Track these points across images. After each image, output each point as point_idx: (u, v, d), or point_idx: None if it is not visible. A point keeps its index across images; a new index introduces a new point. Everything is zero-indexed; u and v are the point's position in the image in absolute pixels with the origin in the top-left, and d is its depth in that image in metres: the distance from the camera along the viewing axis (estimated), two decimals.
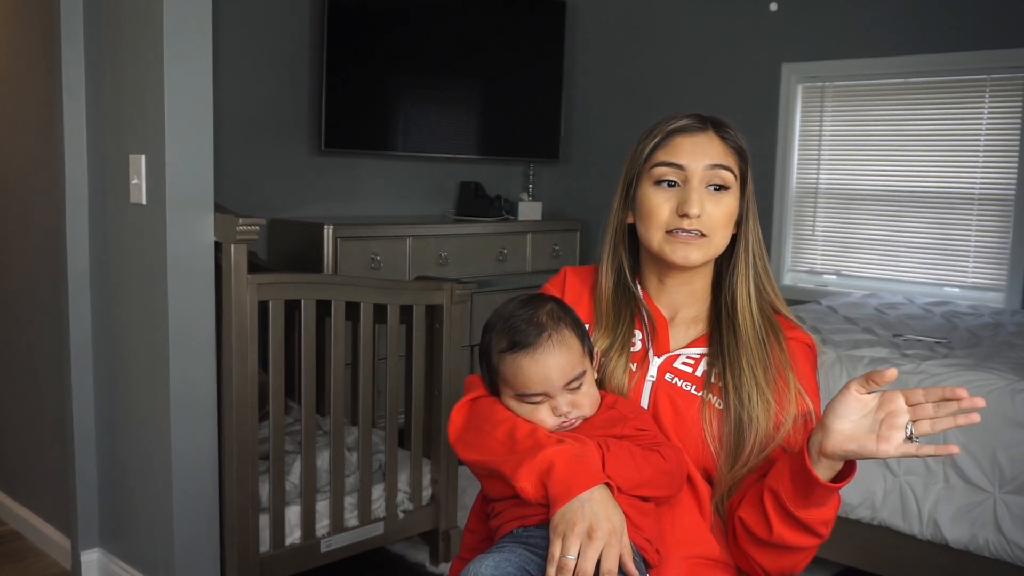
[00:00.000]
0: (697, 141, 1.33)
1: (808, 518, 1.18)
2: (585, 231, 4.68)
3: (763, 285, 1.38)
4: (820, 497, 1.16)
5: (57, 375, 2.64)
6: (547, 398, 1.26)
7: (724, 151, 1.34)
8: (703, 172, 1.32)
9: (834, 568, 2.71)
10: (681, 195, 1.31)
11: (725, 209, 1.33)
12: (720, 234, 1.34)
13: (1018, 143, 3.57)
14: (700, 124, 1.35)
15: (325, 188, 4.13)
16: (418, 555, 2.86)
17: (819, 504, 1.17)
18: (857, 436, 1.11)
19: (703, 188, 1.32)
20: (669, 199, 1.33)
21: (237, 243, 2.23)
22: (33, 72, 2.66)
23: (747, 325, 1.34)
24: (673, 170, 1.32)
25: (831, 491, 1.15)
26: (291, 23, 3.91)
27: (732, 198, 1.34)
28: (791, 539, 1.21)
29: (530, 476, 1.16)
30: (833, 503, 1.19)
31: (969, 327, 3.08)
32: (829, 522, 1.20)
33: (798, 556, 1.25)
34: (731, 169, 1.33)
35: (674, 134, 1.34)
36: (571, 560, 1.10)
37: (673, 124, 1.35)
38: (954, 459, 2.35)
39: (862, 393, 1.11)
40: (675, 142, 1.34)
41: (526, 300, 1.32)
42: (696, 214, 1.30)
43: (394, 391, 2.74)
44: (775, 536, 1.22)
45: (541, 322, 1.26)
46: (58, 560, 2.75)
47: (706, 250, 1.33)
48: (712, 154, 1.32)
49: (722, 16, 4.32)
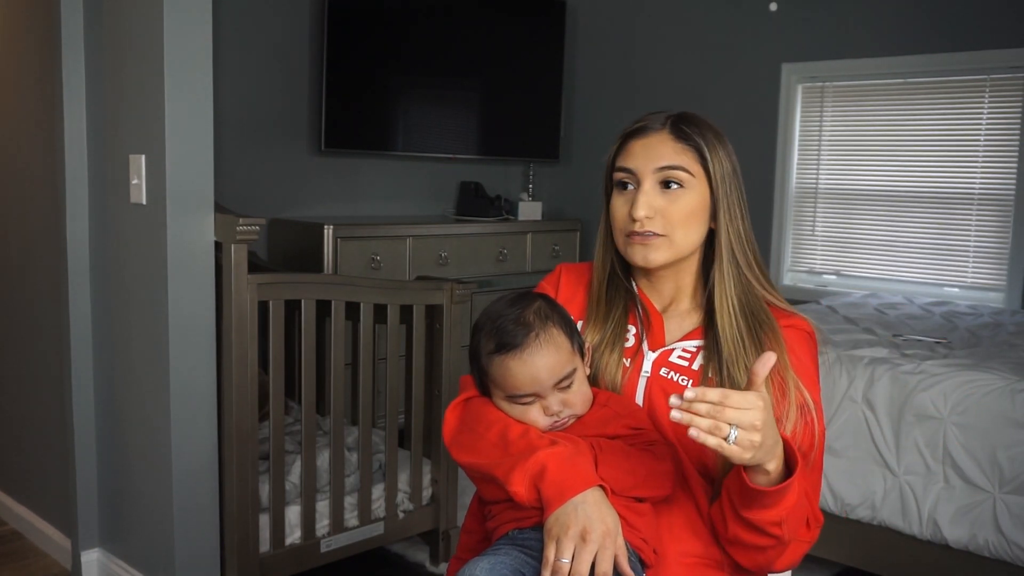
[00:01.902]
0: (648, 143, 1.33)
1: (755, 519, 1.16)
2: (585, 231, 4.68)
3: (747, 274, 1.35)
4: (762, 500, 1.14)
5: (57, 375, 2.64)
6: (538, 398, 1.25)
7: (675, 150, 1.32)
8: (652, 174, 1.32)
9: (834, 568, 2.71)
10: (633, 197, 1.33)
11: (682, 208, 1.32)
12: (680, 231, 1.33)
13: (1018, 143, 3.57)
14: (656, 124, 1.34)
15: (325, 188, 4.13)
16: (418, 555, 2.86)
17: (763, 506, 1.14)
18: None
19: (655, 190, 1.32)
20: (625, 203, 1.34)
21: (237, 243, 2.23)
22: (33, 72, 2.66)
23: (730, 326, 1.32)
24: (626, 174, 1.34)
25: (770, 495, 1.12)
26: (291, 23, 3.91)
27: (691, 195, 1.32)
28: (746, 538, 1.20)
29: (523, 480, 1.16)
30: (783, 504, 1.14)
31: (969, 327, 3.08)
32: (782, 523, 1.16)
33: (765, 554, 1.22)
34: (683, 168, 1.32)
35: (629, 138, 1.36)
36: (565, 564, 1.09)
37: (631, 128, 1.37)
38: (954, 459, 2.35)
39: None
40: (628, 147, 1.35)
41: (514, 299, 1.31)
42: (641, 215, 1.31)
43: (394, 391, 2.74)
44: (731, 534, 1.22)
45: (528, 321, 1.25)
46: (58, 560, 2.75)
47: (666, 249, 1.33)
48: (661, 154, 1.32)
49: (722, 16, 4.32)
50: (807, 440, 1.27)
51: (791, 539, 1.20)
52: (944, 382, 2.40)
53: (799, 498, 1.17)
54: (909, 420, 2.42)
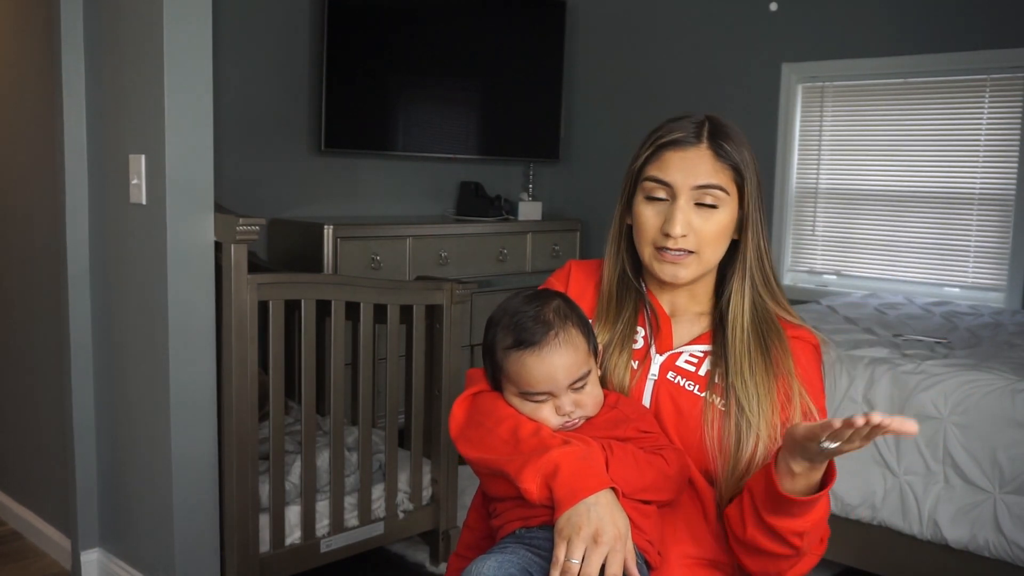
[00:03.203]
0: (687, 157, 1.29)
1: (778, 526, 1.16)
2: (585, 231, 4.68)
3: (761, 292, 1.35)
4: (789, 508, 1.14)
5: (57, 375, 2.64)
6: (551, 397, 1.25)
7: (715, 168, 1.29)
8: (690, 191, 1.29)
9: (834, 568, 2.71)
10: (667, 212, 1.30)
11: (715, 226, 1.30)
12: (711, 249, 1.32)
13: (1018, 143, 3.57)
14: (694, 138, 1.30)
15: (325, 188, 4.13)
16: (418, 555, 2.86)
17: (789, 514, 1.14)
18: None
19: (690, 206, 1.29)
20: (657, 215, 1.31)
21: (237, 243, 2.23)
22: (33, 72, 2.66)
23: (739, 339, 1.32)
24: (661, 187, 1.30)
25: (799, 504, 1.13)
26: (291, 23, 3.91)
27: (724, 213, 1.30)
28: (763, 543, 1.19)
29: (535, 477, 1.15)
30: (809, 516, 1.14)
31: (969, 327, 3.08)
32: (804, 534, 1.16)
33: (778, 564, 1.22)
34: (722, 187, 1.29)
35: (664, 148, 1.30)
36: (575, 564, 1.09)
37: (666, 137, 1.31)
38: (954, 459, 2.35)
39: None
40: (664, 157, 1.30)
41: (532, 296, 1.30)
42: (679, 234, 1.28)
43: (394, 391, 2.74)
44: (748, 537, 1.21)
45: (548, 320, 1.25)
46: (58, 560, 2.75)
47: (695, 267, 1.32)
48: (700, 173, 1.28)
49: (722, 16, 4.32)
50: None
51: (807, 552, 1.21)
52: (944, 382, 2.40)
53: (823, 514, 1.17)
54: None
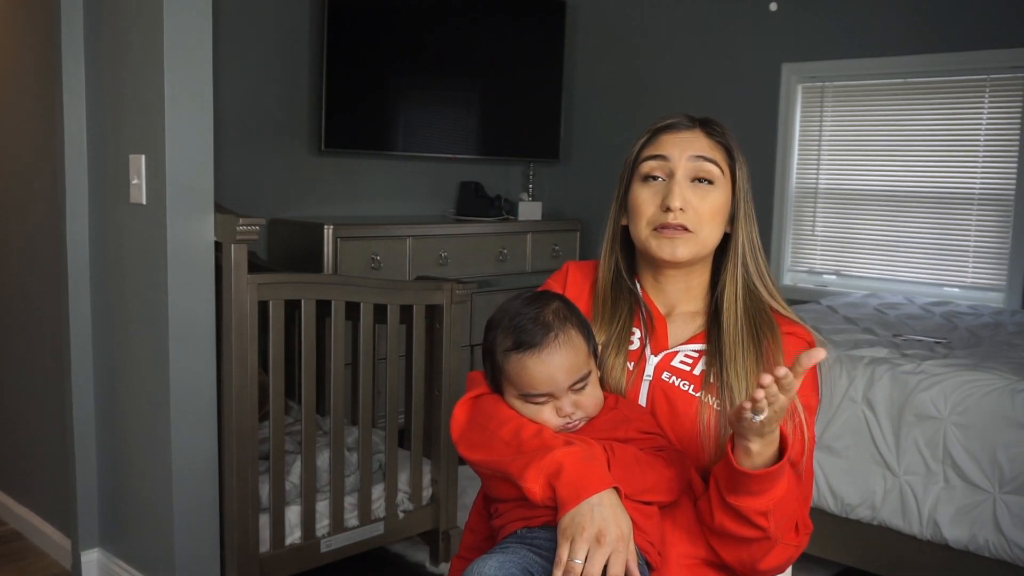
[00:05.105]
0: (682, 136, 1.36)
1: (741, 505, 1.17)
2: (585, 231, 4.68)
3: (755, 285, 1.37)
4: (748, 485, 1.15)
5: (57, 375, 2.64)
6: (551, 398, 1.25)
7: (709, 145, 1.35)
8: (686, 163, 1.33)
9: (834, 568, 2.71)
10: (665, 189, 1.33)
11: (711, 204, 1.33)
12: (707, 229, 1.34)
13: (1018, 143, 3.57)
14: (688, 122, 1.37)
15: (325, 188, 4.13)
16: (418, 555, 2.86)
17: (749, 492, 1.15)
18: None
19: (687, 182, 1.33)
20: (655, 194, 1.34)
21: (237, 243, 2.23)
22: (33, 72, 2.66)
23: (733, 326, 1.33)
24: (658, 162, 1.34)
25: (756, 479, 1.14)
26: (291, 23, 3.91)
27: (719, 193, 1.34)
28: (730, 527, 1.20)
29: (538, 478, 1.15)
30: (771, 493, 1.15)
31: (969, 327, 3.08)
32: (768, 513, 1.17)
33: (750, 549, 1.22)
34: (716, 162, 1.34)
35: (660, 132, 1.37)
36: (578, 564, 1.09)
37: (660, 123, 1.38)
38: (954, 459, 2.35)
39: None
40: (661, 139, 1.37)
41: (532, 297, 1.30)
42: (678, 206, 1.31)
43: (394, 391, 2.74)
44: (716, 523, 1.22)
45: (548, 322, 1.25)
46: (58, 560, 2.75)
47: (693, 245, 1.34)
48: (696, 147, 1.34)
49: (722, 16, 4.32)
50: (797, 448, 1.26)
51: (778, 537, 1.20)
52: (944, 382, 2.40)
53: (787, 493, 1.17)
54: (909, 420, 2.42)
